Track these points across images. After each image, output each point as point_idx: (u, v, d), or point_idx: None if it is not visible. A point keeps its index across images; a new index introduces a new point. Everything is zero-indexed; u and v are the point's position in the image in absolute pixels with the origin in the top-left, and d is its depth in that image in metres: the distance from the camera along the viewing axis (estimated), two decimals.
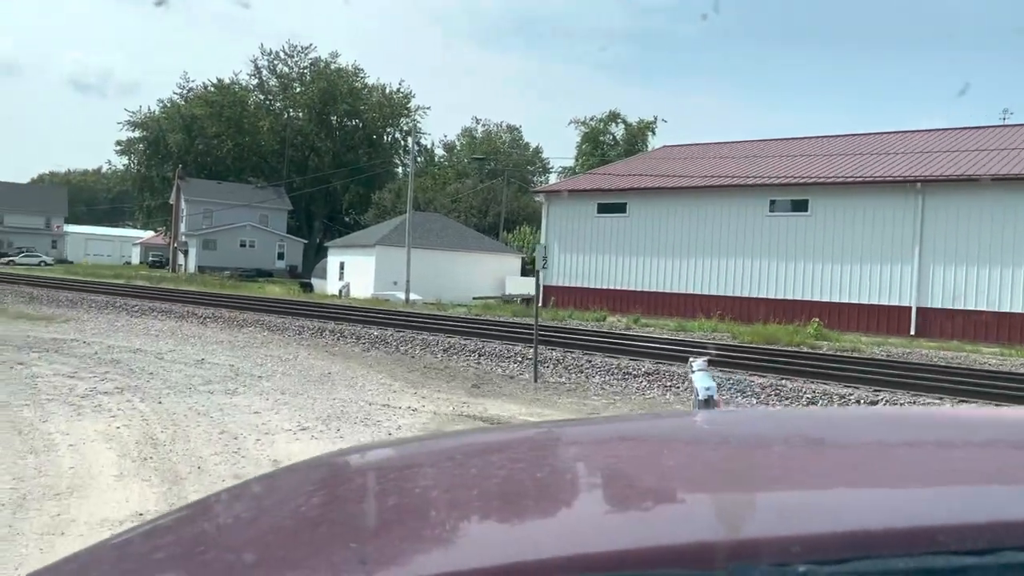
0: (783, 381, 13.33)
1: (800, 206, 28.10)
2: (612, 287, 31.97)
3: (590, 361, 14.22)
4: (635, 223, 31.71)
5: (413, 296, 36.81)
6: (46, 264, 69.18)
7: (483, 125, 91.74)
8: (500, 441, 1.40)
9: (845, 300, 26.47)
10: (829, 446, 1.23)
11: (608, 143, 78.35)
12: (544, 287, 34.88)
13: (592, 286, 32.64)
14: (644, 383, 12.78)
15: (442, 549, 0.86)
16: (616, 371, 13.48)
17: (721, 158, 33.47)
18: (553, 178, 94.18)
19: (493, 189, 61.59)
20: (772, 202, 28.61)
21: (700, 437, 1.32)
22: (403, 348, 16.22)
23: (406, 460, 1.31)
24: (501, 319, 24.18)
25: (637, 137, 79.10)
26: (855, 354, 19.18)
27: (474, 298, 38.84)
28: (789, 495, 0.94)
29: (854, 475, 1.01)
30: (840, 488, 0.95)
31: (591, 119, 80.00)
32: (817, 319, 23.82)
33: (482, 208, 59.89)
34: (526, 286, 41.85)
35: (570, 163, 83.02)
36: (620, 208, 32.32)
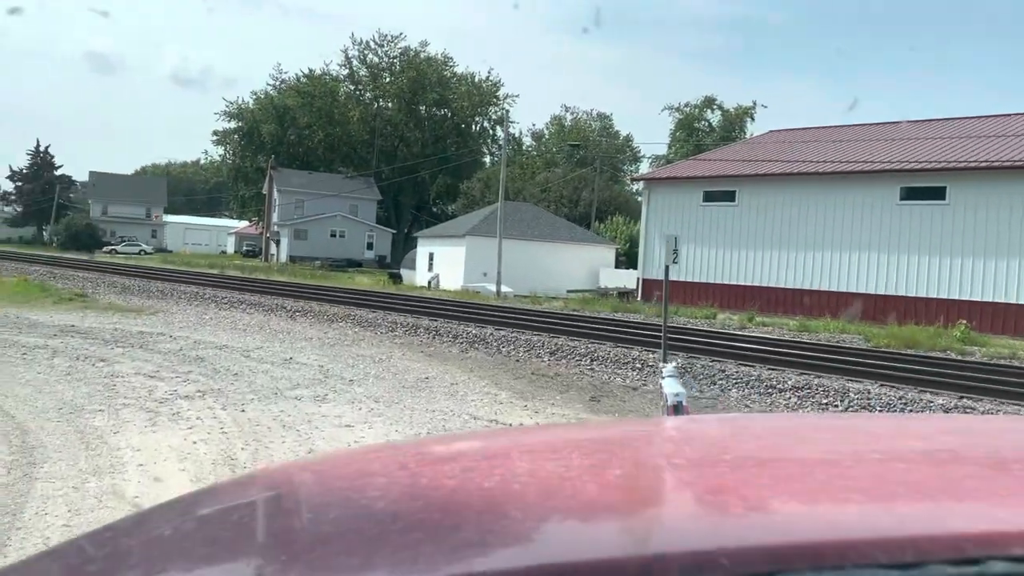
0: (923, 394, 11.18)
1: (936, 193, 25.23)
2: (719, 281, 29.73)
3: (722, 370, 12.32)
4: (746, 212, 29.35)
5: (504, 288, 35.45)
6: (146, 253, 71.24)
7: (572, 113, 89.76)
8: (449, 450, 1.37)
9: (993, 299, 23.55)
10: (798, 453, 1.20)
11: (703, 130, 75.26)
12: (643, 280, 32.91)
13: (697, 280, 30.47)
14: (793, 399, 10.87)
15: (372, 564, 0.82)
16: (756, 383, 11.58)
17: (839, 142, 30.67)
18: (644, 166, 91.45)
19: (584, 178, 59.64)
20: (904, 189, 25.81)
21: (666, 444, 1.32)
22: (505, 350, 14.69)
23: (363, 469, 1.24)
24: (606, 316, 22.42)
25: (734, 123, 75.63)
26: (1015, 363, 16.63)
27: (568, 291, 37.17)
28: (724, 504, 0.90)
29: (798, 484, 0.98)
30: (778, 498, 0.92)
31: (685, 105, 76.98)
32: (964, 321, 21.10)
33: (572, 198, 58.05)
34: (621, 279, 39.88)
35: (662, 151, 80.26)
36: (728, 196, 30.00)
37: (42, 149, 79.58)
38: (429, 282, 41.90)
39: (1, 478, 7.27)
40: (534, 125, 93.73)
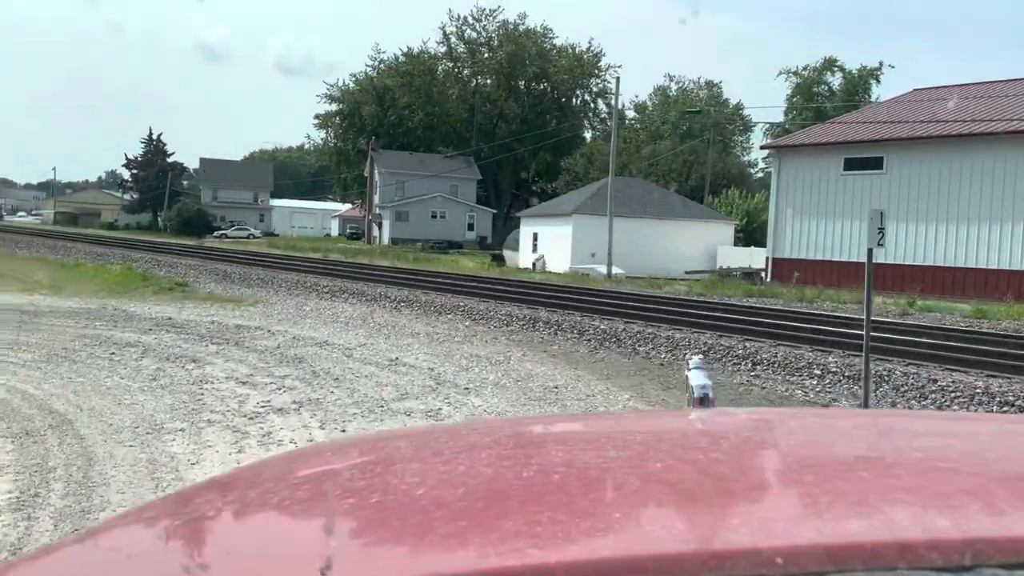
0: None
1: None
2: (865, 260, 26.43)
3: (934, 380, 9.72)
4: (895, 180, 25.92)
5: (616, 270, 33.14)
6: (254, 237, 72.39)
7: (677, 83, 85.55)
8: (492, 435, 1.36)
9: None
10: (824, 451, 1.19)
11: (823, 95, 70.05)
12: (773, 259, 29.91)
13: (836, 258, 27.29)
14: None
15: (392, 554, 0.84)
16: (982, 396, 8.98)
17: (1002, 97, 26.67)
18: (756, 136, 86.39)
19: (694, 150, 56.21)
20: None
21: (694, 437, 1.30)
22: (643, 349, 12.49)
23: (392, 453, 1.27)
24: (740, 303, 19.82)
25: (858, 86, 70.07)
26: None
27: (687, 272, 34.48)
28: (772, 502, 0.91)
29: (842, 484, 0.97)
30: (826, 497, 0.91)
31: (803, 69, 71.84)
32: None
33: (682, 171, 54.82)
34: (743, 258, 36.82)
35: (777, 118, 75.38)
36: (875, 163, 26.60)
37: (155, 137, 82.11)
38: (534, 264, 39.99)
39: (46, 533, 5.74)
40: (637, 97, 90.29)
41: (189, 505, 1.12)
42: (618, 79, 33.28)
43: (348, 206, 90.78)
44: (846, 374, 10.21)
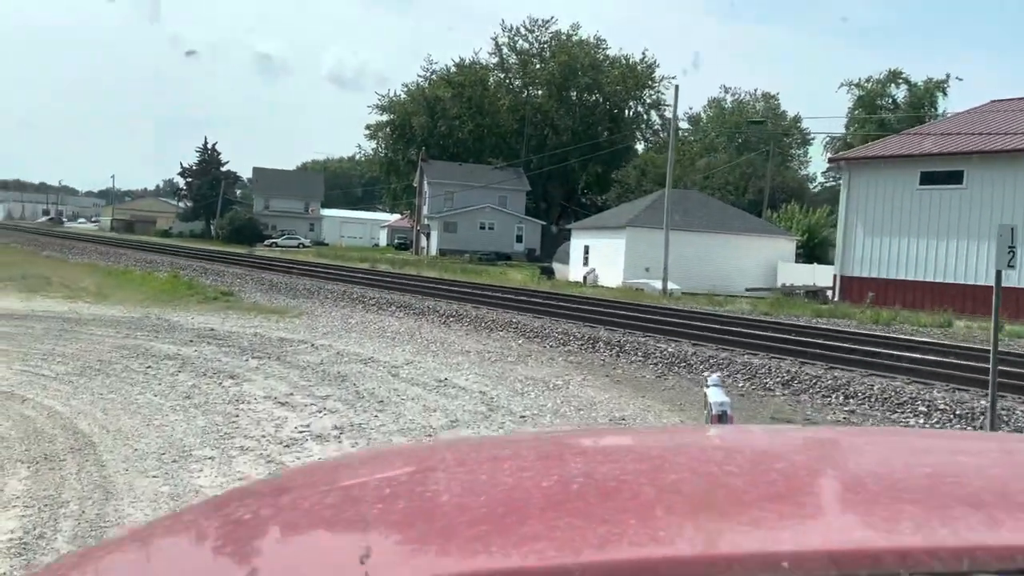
0: None
1: None
2: (943, 280, 24.78)
3: None
4: (977, 196, 24.24)
5: (671, 286, 31.88)
6: (304, 246, 72.66)
7: (733, 95, 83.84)
8: (513, 448, 1.42)
9: None
10: (834, 466, 1.24)
11: (886, 107, 67.66)
12: (841, 277, 28.35)
13: (911, 278, 25.64)
14: None
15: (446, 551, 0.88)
16: None
17: None
18: (813, 150, 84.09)
19: (752, 163, 54.54)
20: None
21: (710, 452, 1.34)
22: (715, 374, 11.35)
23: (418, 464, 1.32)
24: (812, 324, 18.47)
25: (923, 99, 67.55)
26: None
27: (747, 290, 33.04)
28: (784, 512, 0.94)
29: (852, 494, 1.02)
30: (834, 506, 0.97)
31: (866, 80, 69.58)
32: None
33: (739, 184, 53.20)
34: (804, 275, 35.21)
35: (836, 130, 73.19)
36: (954, 177, 24.95)
37: (209, 146, 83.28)
38: (584, 278, 38.91)
39: None
40: (691, 109, 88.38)
41: (227, 509, 1.16)
42: (677, 87, 32.16)
43: (397, 216, 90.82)
44: (956, 412, 8.95)
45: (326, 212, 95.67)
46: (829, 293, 30.03)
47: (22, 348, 13.27)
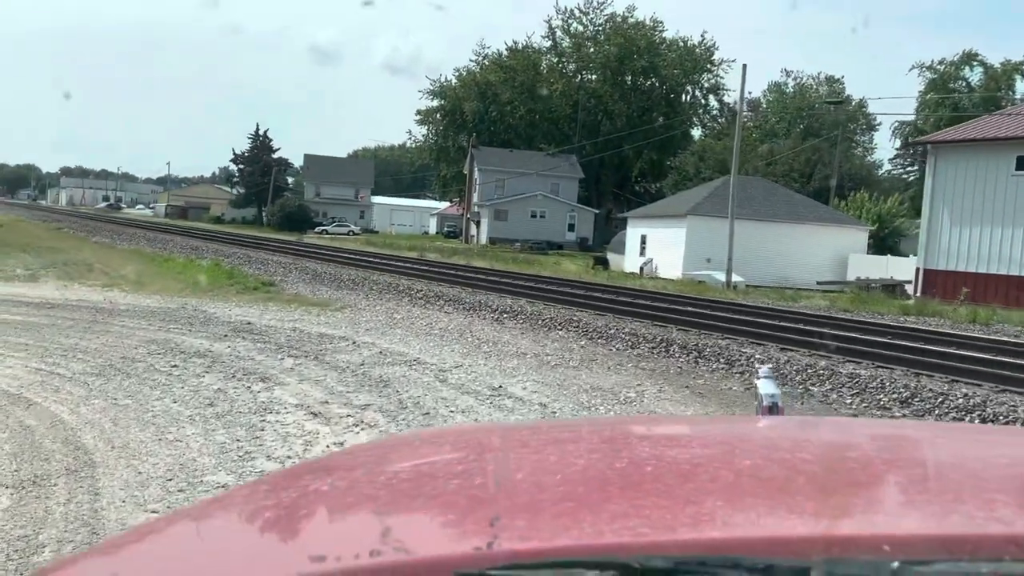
0: None
1: None
2: None
3: None
4: None
5: (735, 278, 30.03)
6: (353, 234, 72.14)
7: (795, 78, 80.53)
8: (573, 432, 1.40)
9: None
10: (908, 455, 1.23)
11: (960, 91, 64.06)
12: (924, 271, 26.18)
13: (1003, 272, 23.40)
14: None
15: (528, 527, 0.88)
16: None
17: None
18: (880, 137, 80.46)
19: (817, 149, 51.89)
20: None
21: (775, 440, 1.33)
22: (819, 391, 9.58)
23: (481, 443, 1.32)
24: (903, 324, 16.57)
25: (1000, 82, 63.79)
26: None
27: (819, 283, 31.00)
28: (872, 497, 0.95)
29: (935, 483, 1.03)
30: (920, 494, 0.97)
31: (939, 63, 66.00)
32: None
33: (804, 171, 50.65)
34: (877, 267, 32.91)
35: (905, 116, 69.70)
36: None
37: (261, 132, 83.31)
38: (641, 268, 37.19)
39: None
40: (750, 93, 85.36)
41: (296, 483, 1.16)
42: (744, 66, 30.12)
43: (446, 204, 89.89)
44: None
45: (376, 199, 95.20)
46: (908, 287, 27.85)
47: (45, 342, 12.33)
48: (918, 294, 25.32)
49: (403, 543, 0.85)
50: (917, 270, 26.24)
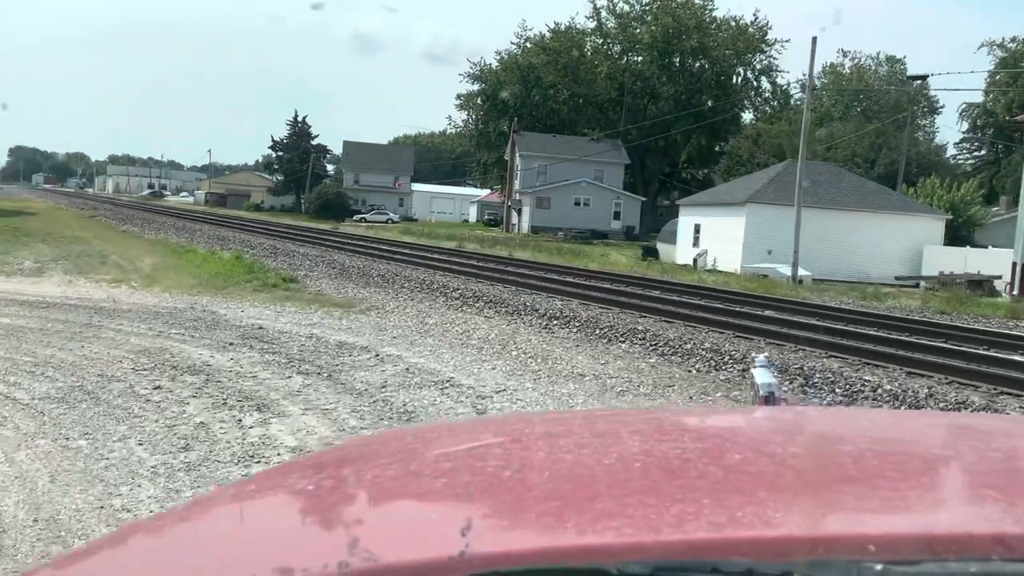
0: None
1: None
2: None
3: None
4: None
5: (801, 272, 27.45)
6: (392, 222, 70.47)
7: (852, 59, 76.56)
8: (565, 426, 1.42)
9: None
10: (902, 448, 1.21)
11: None
12: (1020, 266, 23.33)
13: None
14: None
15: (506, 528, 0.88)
16: None
17: None
18: (944, 119, 76.31)
19: (882, 132, 48.55)
20: None
21: (767, 432, 1.32)
22: None
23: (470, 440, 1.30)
24: None
25: None
26: None
27: (897, 279, 28.25)
28: (860, 494, 0.92)
29: (927, 478, 1.02)
30: (912, 490, 0.95)
31: (1011, 40, 61.82)
32: None
33: (867, 157, 47.41)
34: (955, 260, 29.96)
35: (972, 97, 65.68)
36: None
37: (300, 119, 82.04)
38: (694, 260, 34.70)
39: None
40: (804, 75, 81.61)
41: (286, 480, 1.17)
42: (814, 39, 27.35)
43: (486, 191, 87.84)
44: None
45: (415, 187, 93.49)
46: (998, 283, 25.02)
47: (17, 353, 10.53)
48: (1014, 292, 22.51)
49: (372, 552, 0.83)
50: (1014, 265, 23.38)
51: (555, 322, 12.83)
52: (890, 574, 0.71)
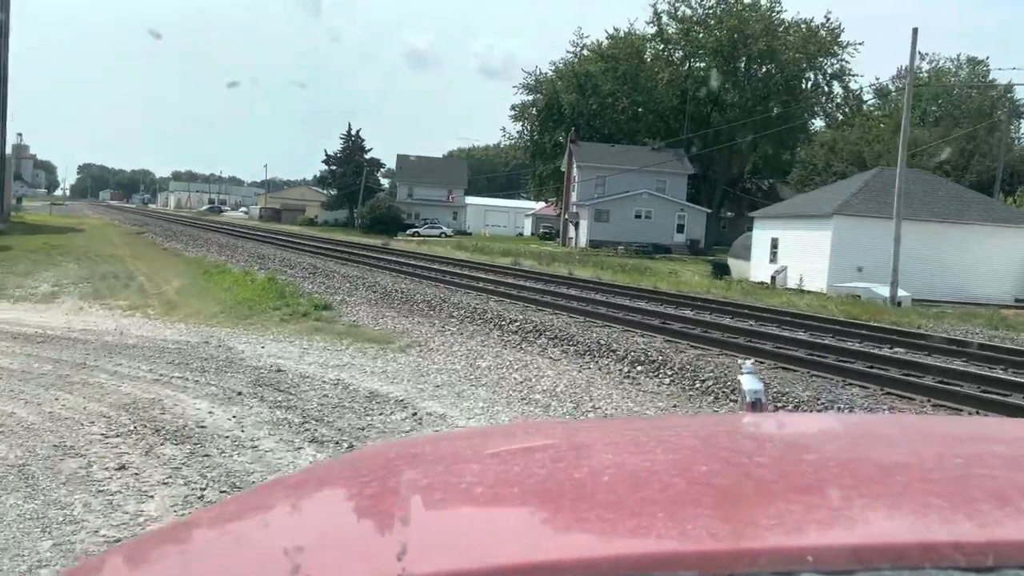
0: None
1: None
2: None
3: None
4: None
5: (899, 292, 24.29)
6: (445, 235, 68.68)
7: (930, 62, 72.05)
8: (547, 438, 1.43)
9: None
10: (865, 456, 1.21)
11: None
12: None
13: None
14: None
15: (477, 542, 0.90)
16: None
17: None
18: None
19: (973, 137, 44.66)
20: None
21: (741, 441, 1.33)
22: None
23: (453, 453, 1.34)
24: None
25: None
26: None
27: (1018, 300, 24.87)
28: (809, 504, 0.94)
29: (880, 487, 1.01)
30: (861, 499, 0.95)
31: None
32: None
33: (958, 163, 43.60)
34: None
35: None
36: None
37: (353, 133, 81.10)
38: (773, 277, 31.67)
39: None
40: (877, 79, 77.58)
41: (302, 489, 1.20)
42: (915, 30, 24.28)
43: (541, 204, 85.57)
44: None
45: (469, 200, 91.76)
46: None
47: None
48: None
49: (320, 570, 0.84)
50: None
51: (639, 368, 10.22)
52: None
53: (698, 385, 9.29)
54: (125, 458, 7.10)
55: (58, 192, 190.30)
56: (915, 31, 24.24)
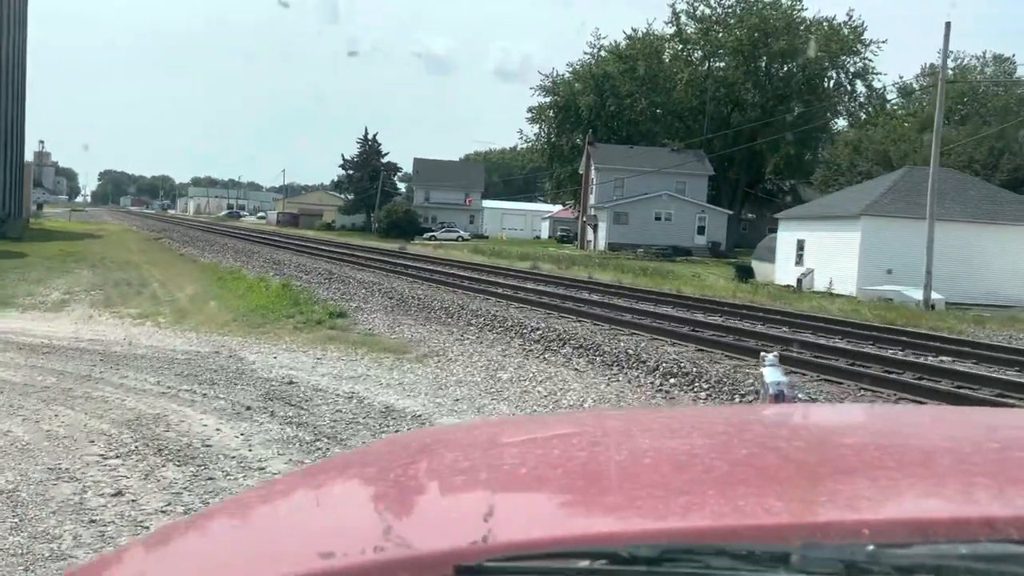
0: None
1: None
2: None
3: None
4: None
5: (933, 296, 23.48)
6: (463, 239, 68.20)
7: (954, 60, 70.69)
8: (579, 425, 1.43)
9: None
10: (902, 441, 1.23)
11: None
12: None
13: None
14: None
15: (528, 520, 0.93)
16: None
17: None
18: None
19: (1004, 135, 43.59)
20: None
21: (774, 428, 1.34)
22: None
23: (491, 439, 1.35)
24: None
25: None
26: None
27: None
28: (857, 483, 0.96)
29: (923, 469, 1.03)
30: (908, 479, 0.98)
31: None
32: None
33: (986, 162, 42.54)
34: None
35: None
36: None
37: (370, 137, 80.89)
38: (799, 280, 30.88)
39: None
40: (901, 78, 76.39)
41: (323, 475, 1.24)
42: (948, 24, 23.47)
43: (559, 207, 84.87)
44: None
45: (486, 203, 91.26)
46: None
47: None
48: None
49: (405, 538, 0.89)
50: None
51: (671, 381, 9.59)
52: (881, 556, 0.72)
53: (738, 400, 8.67)
54: (123, 482, 6.61)
55: (79, 199, 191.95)
56: (947, 25, 23.46)
